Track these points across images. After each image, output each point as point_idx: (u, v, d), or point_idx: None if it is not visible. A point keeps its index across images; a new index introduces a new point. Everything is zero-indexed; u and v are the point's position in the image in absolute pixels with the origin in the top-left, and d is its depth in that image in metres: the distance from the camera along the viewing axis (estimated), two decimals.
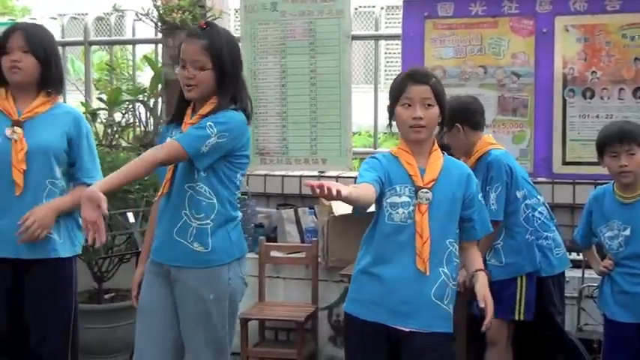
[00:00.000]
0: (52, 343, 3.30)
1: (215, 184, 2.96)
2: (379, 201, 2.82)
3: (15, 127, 3.24)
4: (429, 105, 2.80)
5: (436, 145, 2.90)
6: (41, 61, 3.25)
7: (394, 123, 2.89)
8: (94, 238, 2.68)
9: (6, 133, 3.23)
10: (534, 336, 3.98)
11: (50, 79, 3.30)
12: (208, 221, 2.96)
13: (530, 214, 3.88)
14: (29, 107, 3.28)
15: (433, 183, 2.80)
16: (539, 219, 3.94)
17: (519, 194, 3.84)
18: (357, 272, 2.91)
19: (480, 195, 2.93)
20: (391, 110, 2.87)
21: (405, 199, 2.79)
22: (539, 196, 4.01)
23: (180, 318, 3.02)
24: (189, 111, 3.05)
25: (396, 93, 2.85)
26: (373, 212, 2.90)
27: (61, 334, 3.32)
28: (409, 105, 2.80)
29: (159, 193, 3.03)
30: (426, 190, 2.79)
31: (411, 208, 2.78)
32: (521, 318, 3.85)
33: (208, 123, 2.88)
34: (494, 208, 3.72)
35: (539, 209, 3.96)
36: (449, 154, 2.98)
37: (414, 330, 2.78)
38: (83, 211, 2.66)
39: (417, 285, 2.77)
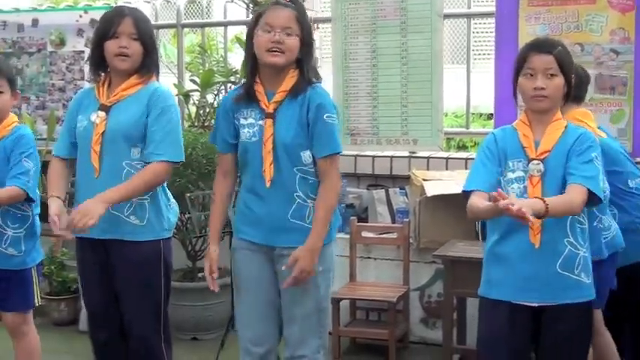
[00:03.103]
0: (142, 324, 3.32)
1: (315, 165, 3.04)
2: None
3: (99, 112, 3.25)
4: (551, 75, 2.78)
5: (559, 115, 2.86)
6: (147, 49, 3.25)
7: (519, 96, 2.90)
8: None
9: (91, 118, 3.25)
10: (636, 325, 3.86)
11: (151, 65, 3.30)
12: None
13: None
14: (116, 90, 3.27)
15: (547, 155, 2.78)
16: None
17: None
18: (487, 253, 2.92)
19: (594, 155, 2.78)
20: (515, 82, 2.86)
21: (519, 173, 2.80)
22: None
23: (285, 291, 3.08)
24: (259, 88, 3.04)
25: (519, 63, 2.84)
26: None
27: (149, 315, 3.33)
28: (531, 75, 2.79)
29: (267, 178, 3.01)
30: (537, 161, 2.77)
31: (526, 182, 2.77)
32: None
33: (325, 115, 2.97)
34: None
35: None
36: None
37: (542, 304, 2.79)
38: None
39: (538, 259, 2.75)
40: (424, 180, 4.75)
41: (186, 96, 5.80)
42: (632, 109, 4.76)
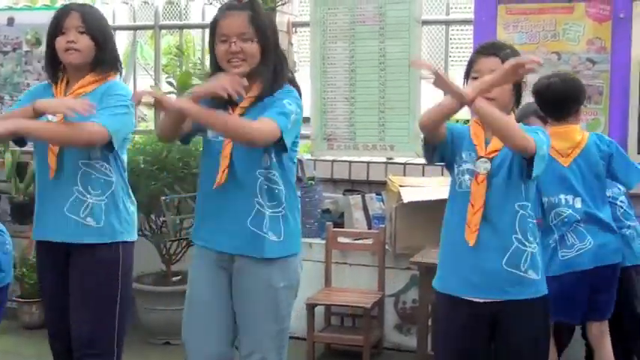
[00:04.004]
0: (92, 333, 3.16)
1: (285, 170, 2.91)
2: (450, 170, 2.87)
3: None
4: None
5: (512, 117, 2.83)
6: (97, 42, 3.16)
7: None
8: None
9: (48, 116, 3.09)
10: (618, 330, 3.88)
11: (105, 61, 3.18)
12: (281, 209, 2.90)
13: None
14: (72, 88, 3.18)
15: (496, 153, 2.77)
16: (622, 208, 3.85)
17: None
18: (441, 243, 2.92)
19: (540, 132, 2.78)
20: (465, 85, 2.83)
21: (469, 166, 2.80)
22: (619, 186, 3.91)
23: (244, 307, 2.93)
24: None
25: (468, 67, 2.83)
26: (442, 199, 2.92)
27: (102, 325, 3.19)
28: (477, 77, 2.76)
29: (217, 182, 2.85)
30: (485, 159, 2.77)
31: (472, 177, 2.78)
32: None
33: (285, 100, 2.80)
34: None
35: (620, 199, 3.87)
36: None
37: (487, 300, 2.77)
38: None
39: (483, 255, 2.73)
40: (401, 186, 4.75)
41: None
42: (608, 119, 4.79)
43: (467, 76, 2.83)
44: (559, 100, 3.71)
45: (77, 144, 3.07)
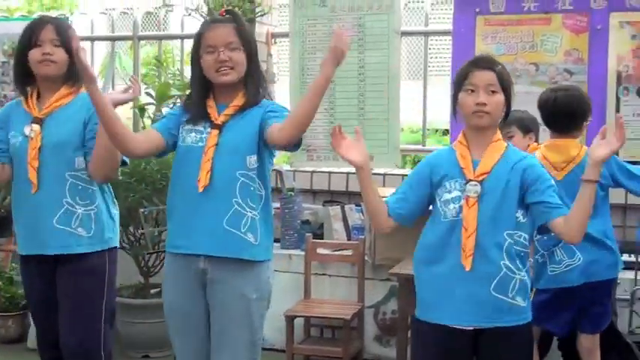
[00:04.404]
0: (81, 337, 3.21)
1: (264, 174, 2.94)
2: (433, 204, 2.82)
3: (33, 125, 3.17)
4: (493, 92, 2.72)
5: (498, 135, 2.81)
6: (71, 55, 3.12)
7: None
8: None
9: (25, 131, 3.17)
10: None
11: (77, 73, 3.14)
12: (256, 213, 2.90)
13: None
14: (48, 102, 3.20)
15: (485, 176, 2.72)
16: None
17: None
18: (418, 272, 2.86)
19: (552, 181, 2.75)
20: (455, 98, 2.81)
21: (455, 193, 2.74)
22: None
23: (218, 318, 2.93)
24: (210, 103, 2.95)
25: (460, 79, 2.79)
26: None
27: (90, 329, 3.23)
28: (472, 91, 2.73)
29: (201, 185, 2.85)
30: (474, 182, 2.71)
31: (462, 202, 2.72)
32: None
33: (285, 113, 2.88)
34: None
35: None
36: None
37: (476, 327, 2.73)
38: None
39: (471, 281, 2.69)
40: (380, 197, 4.73)
41: (142, 109, 5.73)
42: (585, 130, 4.80)
43: (458, 88, 2.78)
44: (566, 115, 3.69)
45: (110, 164, 3.15)
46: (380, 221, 2.87)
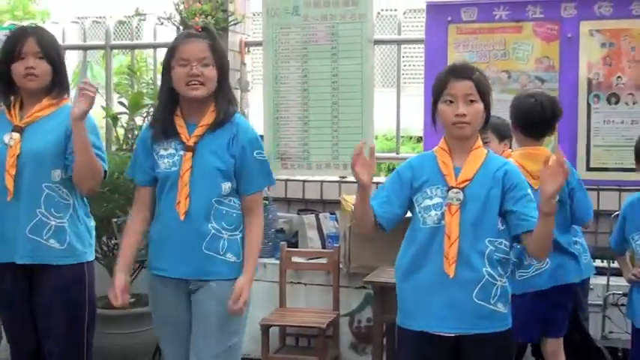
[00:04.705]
0: (62, 351, 3.24)
1: (237, 196, 3.02)
2: (412, 209, 2.82)
3: (13, 133, 3.18)
4: (471, 101, 2.72)
5: (479, 142, 2.82)
6: (54, 67, 3.20)
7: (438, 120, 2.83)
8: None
9: (4, 139, 3.18)
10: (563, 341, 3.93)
11: (61, 83, 3.26)
12: (238, 232, 2.99)
13: None
14: (30, 112, 3.22)
15: (467, 183, 2.73)
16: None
17: None
18: (400, 280, 2.85)
19: (528, 190, 2.77)
20: (434, 107, 2.80)
21: (437, 200, 2.75)
22: None
23: (197, 323, 2.99)
24: (179, 121, 2.98)
25: (438, 89, 2.77)
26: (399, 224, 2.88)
27: (71, 342, 3.26)
28: (451, 101, 2.73)
29: (181, 212, 2.93)
30: (457, 190, 2.72)
31: (444, 209, 2.73)
32: None
33: (255, 152, 2.97)
34: None
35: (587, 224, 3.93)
36: None
37: (458, 334, 2.73)
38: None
39: (453, 288, 2.69)
40: (354, 205, 4.74)
41: (115, 118, 5.70)
42: (557, 137, 4.85)
43: (437, 98, 2.77)
44: (548, 120, 3.72)
45: (92, 179, 3.19)
46: (367, 228, 2.85)
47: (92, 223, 3.39)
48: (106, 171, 3.25)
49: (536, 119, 3.70)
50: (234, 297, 2.90)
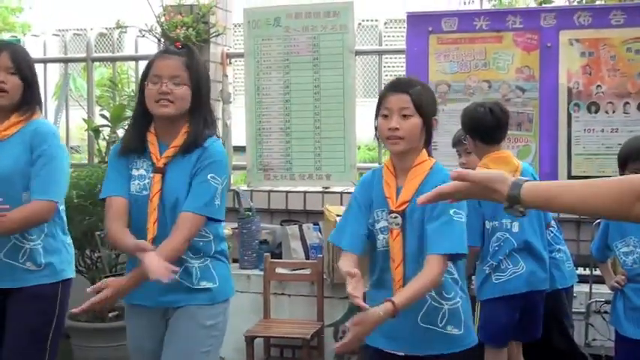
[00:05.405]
0: None
1: (213, 223, 2.89)
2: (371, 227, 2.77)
3: None
4: (406, 115, 2.64)
5: (422, 157, 2.72)
6: (26, 82, 3.13)
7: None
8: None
9: None
10: (547, 348, 3.95)
11: (31, 100, 3.16)
12: (206, 258, 2.89)
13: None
14: None
15: (405, 206, 2.66)
16: (552, 232, 3.94)
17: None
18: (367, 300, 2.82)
19: (452, 211, 2.62)
20: (376, 122, 2.73)
21: (383, 223, 2.71)
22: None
23: (169, 343, 2.89)
24: (151, 138, 2.89)
25: (378, 103, 2.73)
26: None
27: (33, 357, 3.14)
28: (386, 115, 2.67)
29: (149, 237, 2.79)
30: (395, 214, 2.66)
31: (388, 233, 2.69)
32: None
33: (210, 175, 2.80)
34: None
35: (550, 223, 3.95)
36: None
37: (409, 354, 2.72)
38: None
39: (402, 311, 2.57)
40: (338, 215, 4.76)
41: (96, 131, 5.70)
42: (538, 145, 4.90)
43: (378, 111, 2.71)
44: (501, 126, 3.75)
45: (38, 224, 3.08)
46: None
47: (69, 240, 3.30)
48: (56, 201, 3.09)
49: (492, 125, 3.73)
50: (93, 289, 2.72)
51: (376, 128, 2.75)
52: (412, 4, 6.28)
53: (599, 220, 3.83)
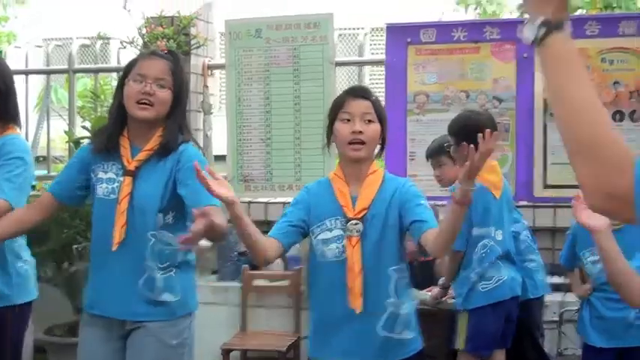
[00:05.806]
0: None
1: (182, 229, 2.73)
2: (310, 239, 2.72)
3: None
4: (369, 121, 2.63)
5: (375, 167, 2.73)
6: (2, 93, 3.02)
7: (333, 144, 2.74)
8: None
9: None
10: (518, 358, 3.95)
11: (6, 113, 3.05)
12: (172, 268, 2.80)
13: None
14: None
15: (365, 212, 2.64)
16: (525, 242, 3.96)
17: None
18: (313, 311, 2.81)
19: (423, 200, 2.65)
20: (330, 130, 2.70)
21: (337, 232, 2.65)
22: (523, 221, 4.03)
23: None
24: (124, 142, 2.81)
25: (335, 109, 2.69)
26: None
27: None
28: (348, 120, 2.63)
29: (115, 241, 2.71)
30: (355, 221, 2.62)
31: (344, 241, 2.63)
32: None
33: (189, 181, 2.65)
34: None
35: (523, 233, 3.98)
36: None
37: None
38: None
39: (359, 322, 2.62)
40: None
41: (77, 143, 5.69)
42: (515, 155, 4.91)
43: (334, 117, 2.68)
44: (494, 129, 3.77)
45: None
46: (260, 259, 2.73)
47: (27, 264, 3.17)
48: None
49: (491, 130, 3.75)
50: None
51: (328, 135, 2.72)
52: (393, 15, 6.27)
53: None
